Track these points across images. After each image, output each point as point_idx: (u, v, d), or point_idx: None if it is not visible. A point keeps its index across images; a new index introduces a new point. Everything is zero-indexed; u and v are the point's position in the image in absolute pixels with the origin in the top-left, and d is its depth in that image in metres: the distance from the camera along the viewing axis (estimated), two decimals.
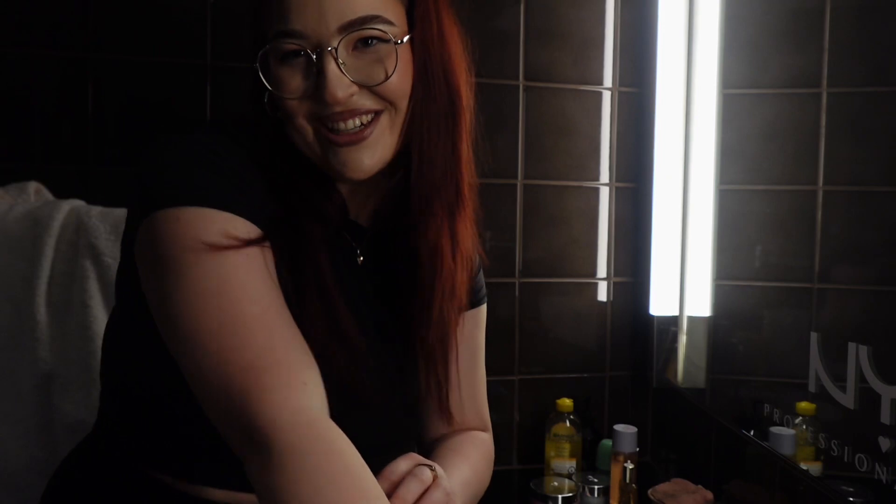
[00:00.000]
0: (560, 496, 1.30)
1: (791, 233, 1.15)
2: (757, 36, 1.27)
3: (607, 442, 1.46)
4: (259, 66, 0.73)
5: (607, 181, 1.59)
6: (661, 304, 1.51)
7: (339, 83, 0.70)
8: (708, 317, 1.40)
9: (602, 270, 1.59)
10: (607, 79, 1.57)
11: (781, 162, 1.18)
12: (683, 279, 1.46)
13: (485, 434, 0.97)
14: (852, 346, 0.93)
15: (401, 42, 0.72)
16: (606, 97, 1.58)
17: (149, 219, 0.67)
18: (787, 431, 1.09)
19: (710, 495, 1.22)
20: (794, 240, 1.14)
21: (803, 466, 1.05)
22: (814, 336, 1.03)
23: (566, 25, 1.55)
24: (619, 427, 1.32)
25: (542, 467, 1.48)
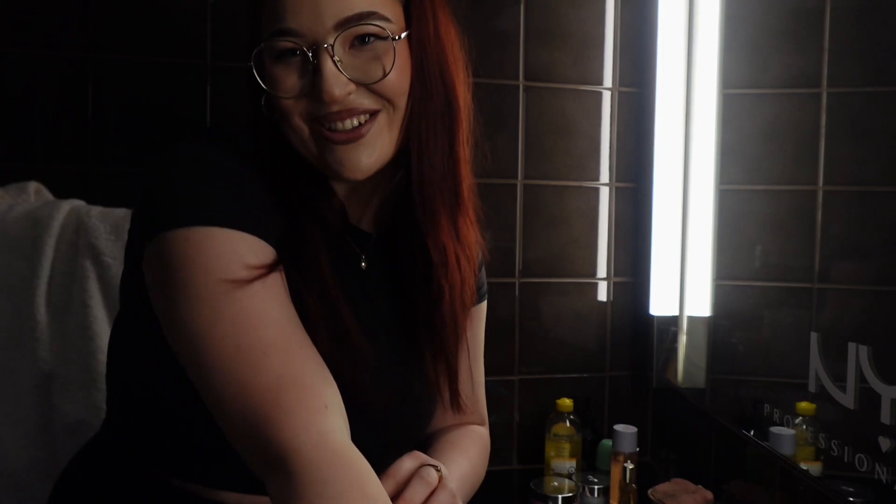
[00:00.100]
0: (560, 496, 1.30)
1: (791, 233, 1.15)
2: (757, 36, 1.27)
3: (607, 442, 1.46)
4: (254, 64, 0.71)
5: (607, 181, 1.59)
6: (661, 304, 1.51)
7: (336, 81, 0.68)
8: (708, 317, 1.40)
9: (602, 270, 1.59)
10: (607, 79, 1.57)
11: (781, 162, 1.18)
12: (683, 279, 1.46)
13: (482, 428, 0.97)
14: (852, 346, 0.93)
15: (398, 39, 0.71)
16: (606, 97, 1.58)
17: (157, 238, 0.66)
18: (787, 431, 1.09)
19: (710, 495, 1.22)
20: (794, 240, 1.14)
21: (803, 466, 1.05)
22: (814, 336, 1.03)
23: (566, 25, 1.55)
24: (619, 427, 1.32)
25: (542, 467, 1.48)
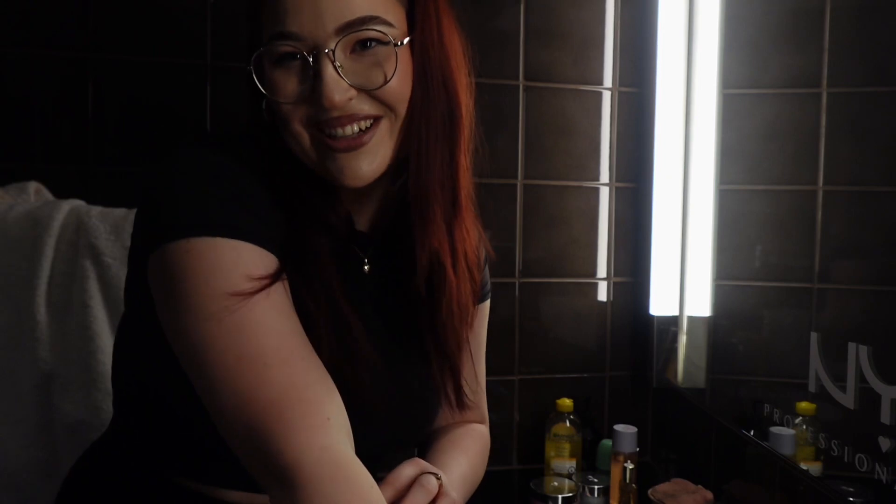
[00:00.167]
0: (560, 496, 1.30)
1: (791, 233, 1.15)
2: (757, 36, 1.27)
3: (607, 442, 1.46)
4: (253, 69, 0.70)
5: (607, 181, 1.59)
6: (661, 304, 1.51)
7: (336, 87, 0.67)
8: (708, 317, 1.40)
9: (602, 270, 1.59)
10: (607, 79, 1.57)
11: (781, 162, 1.18)
12: (683, 279, 1.46)
13: (482, 427, 0.97)
14: (852, 346, 0.93)
15: (400, 44, 0.70)
16: (606, 97, 1.58)
17: (160, 250, 0.65)
18: (787, 431, 1.09)
19: (710, 495, 1.22)
20: (794, 240, 1.14)
21: (803, 466, 1.05)
22: (814, 336, 1.03)
23: (566, 25, 1.55)
24: (619, 427, 1.32)
25: (542, 467, 1.48)
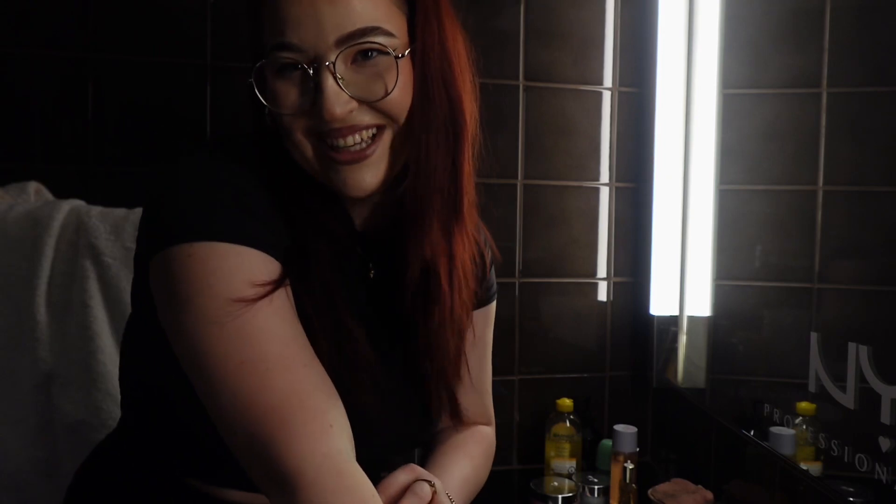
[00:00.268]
0: (560, 496, 1.30)
1: (791, 233, 1.15)
2: (757, 36, 1.27)
3: (607, 442, 1.46)
4: (255, 79, 0.70)
5: (607, 181, 1.59)
6: (661, 304, 1.51)
7: (336, 99, 0.67)
8: (708, 317, 1.40)
9: (602, 270, 1.59)
10: (607, 79, 1.57)
11: (781, 162, 1.18)
12: (683, 279, 1.46)
13: (488, 428, 0.97)
14: (852, 346, 0.93)
15: (402, 55, 0.69)
16: (606, 97, 1.58)
17: (161, 254, 0.65)
18: (787, 431, 1.09)
19: (710, 495, 1.22)
20: (794, 240, 1.14)
21: (803, 466, 1.05)
22: (814, 336, 1.03)
23: (566, 25, 1.55)
24: (619, 427, 1.32)
25: (542, 467, 1.48)
